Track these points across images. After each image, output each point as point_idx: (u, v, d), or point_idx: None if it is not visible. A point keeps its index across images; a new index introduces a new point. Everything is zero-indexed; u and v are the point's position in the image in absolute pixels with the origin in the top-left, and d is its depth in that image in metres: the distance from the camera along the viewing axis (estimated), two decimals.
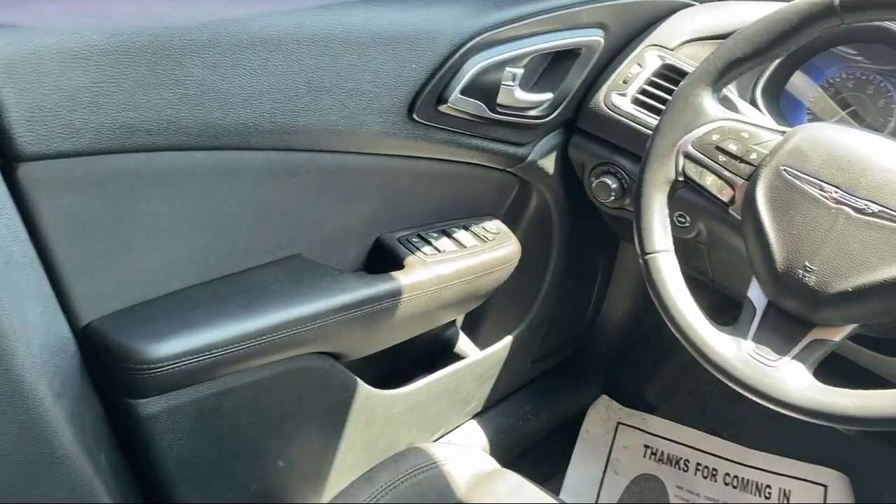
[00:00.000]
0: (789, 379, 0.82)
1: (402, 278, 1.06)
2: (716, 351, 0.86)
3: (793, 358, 0.84)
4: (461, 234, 1.21)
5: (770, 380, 0.83)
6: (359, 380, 1.13)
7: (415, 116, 1.00)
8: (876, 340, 1.05)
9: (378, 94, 0.95)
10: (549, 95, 1.16)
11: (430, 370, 1.32)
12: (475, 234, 1.23)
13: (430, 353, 1.40)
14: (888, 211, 0.78)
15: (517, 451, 1.55)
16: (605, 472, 1.62)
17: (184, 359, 0.87)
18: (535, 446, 1.62)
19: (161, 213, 0.87)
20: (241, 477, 1.05)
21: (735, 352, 0.85)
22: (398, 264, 1.10)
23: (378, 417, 1.21)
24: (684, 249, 1.30)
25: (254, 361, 0.95)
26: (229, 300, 0.94)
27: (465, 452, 1.09)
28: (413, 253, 1.11)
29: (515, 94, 1.10)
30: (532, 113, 1.16)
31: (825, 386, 0.81)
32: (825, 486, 1.61)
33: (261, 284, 0.97)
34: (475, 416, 1.49)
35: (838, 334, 0.84)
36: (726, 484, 1.62)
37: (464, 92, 1.02)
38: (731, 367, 0.85)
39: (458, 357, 1.38)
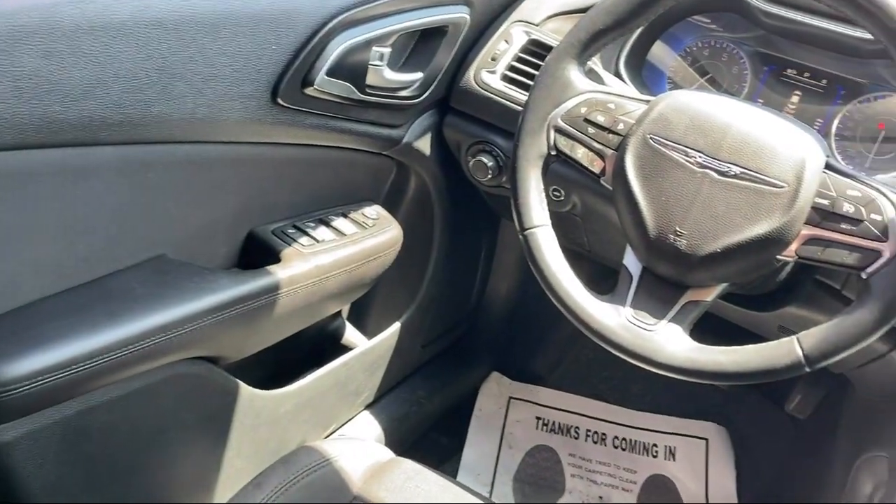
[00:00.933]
0: (667, 341, 0.84)
1: (279, 272, 1.02)
2: (596, 320, 0.87)
3: (670, 321, 0.86)
4: (340, 222, 1.17)
5: (650, 344, 0.85)
6: (240, 382, 1.08)
7: (279, 101, 0.96)
8: (745, 297, 1.10)
9: (237, 79, 0.90)
10: (419, 75, 1.14)
11: (318, 364, 1.28)
12: (354, 221, 1.20)
13: (317, 346, 1.35)
14: (749, 172, 0.81)
15: (413, 437, 1.54)
16: (500, 447, 1.64)
17: (41, 377, 0.80)
18: (431, 430, 1.61)
19: (2, 220, 0.79)
20: (120, 496, 0.98)
21: (615, 319, 0.87)
22: (274, 258, 1.05)
23: (265, 419, 1.16)
24: (561, 223, 1.32)
25: (122, 373, 0.89)
26: (89, 309, 0.86)
27: (359, 446, 1.06)
28: (289, 245, 1.07)
29: (384, 74, 1.08)
30: (403, 93, 1.14)
31: (701, 345, 0.84)
32: (706, 439, 1.69)
33: (124, 290, 0.90)
34: (368, 407, 1.46)
35: (710, 294, 0.87)
36: (615, 447, 1.67)
37: (330, 73, 0.98)
38: (612, 334, 0.86)
39: (346, 348, 1.34)
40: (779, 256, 0.82)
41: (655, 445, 1.68)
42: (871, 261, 0.77)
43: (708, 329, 1.05)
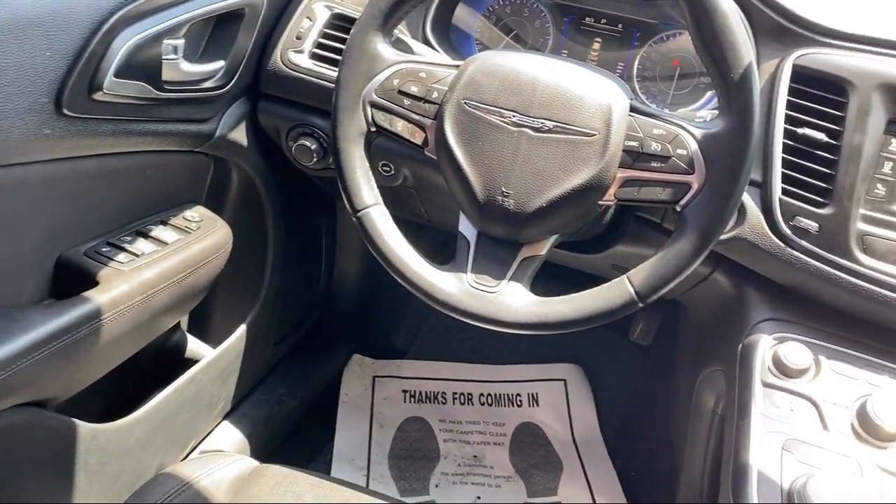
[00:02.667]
0: (511, 300, 0.85)
1: (99, 297, 0.93)
2: (440, 290, 0.87)
3: (510, 280, 0.87)
4: (160, 231, 1.10)
5: (494, 305, 0.86)
6: (77, 421, 0.99)
7: (65, 111, 0.87)
8: (578, 243, 1.14)
9: (11, 93, 0.81)
10: (220, 63, 1.08)
11: (164, 384, 1.21)
12: (176, 227, 1.12)
13: (159, 365, 1.27)
14: (561, 125, 0.83)
15: (279, 438, 1.49)
16: (371, 428, 1.63)
17: None
18: (299, 427, 1.57)
19: None
20: None
21: (458, 286, 0.87)
22: (90, 282, 0.96)
23: (114, 452, 1.08)
24: (397, 197, 1.31)
25: None
26: None
27: (220, 460, 1.01)
28: (105, 265, 0.98)
29: (181, 67, 1.00)
30: (207, 84, 1.07)
31: (543, 298, 0.86)
32: (564, 380, 1.76)
33: None
34: (226, 417, 1.40)
35: (544, 248, 0.89)
36: (482, 404, 1.71)
37: (119, 74, 0.91)
38: (457, 301, 0.86)
39: (192, 361, 1.27)
40: (600, 202, 0.84)
41: (519, 395, 1.74)
42: (683, 194, 0.81)
43: (552, 277, 1.08)
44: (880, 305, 0.91)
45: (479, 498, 1.50)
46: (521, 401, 1.73)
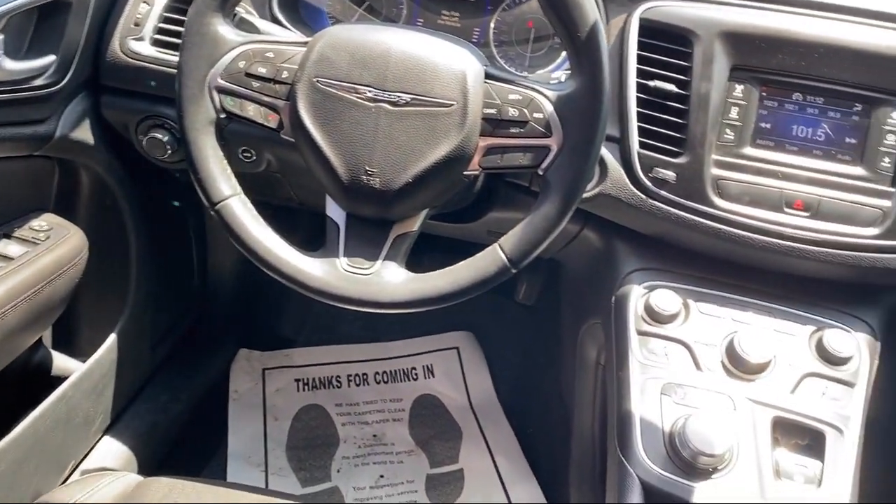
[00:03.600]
0: (386, 280, 0.84)
1: None
2: (313, 277, 0.84)
3: (384, 259, 0.85)
4: (3, 245, 1.01)
5: (371, 287, 0.84)
6: None
7: None
8: (452, 214, 1.14)
9: None
10: (51, 58, 1.00)
11: (31, 406, 1.12)
12: (22, 240, 1.04)
13: (23, 387, 1.18)
14: (418, 97, 0.81)
15: (167, 447, 1.42)
16: (265, 422, 1.58)
17: None
18: (188, 432, 1.51)
19: None
20: None
21: (331, 272, 0.84)
22: None
23: None
24: (264, 184, 1.26)
25: None
26: None
27: (100, 481, 0.95)
28: None
29: (5, 65, 0.92)
30: (38, 82, 0.99)
31: (419, 275, 0.85)
32: (457, 348, 1.77)
33: None
34: (107, 433, 1.32)
35: (416, 223, 0.87)
36: (378, 383, 1.70)
37: None
38: (332, 287, 0.84)
39: (60, 379, 1.19)
40: (465, 172, 0.84)
41: (414, 368, 1.74)
42: (543, 157, 0.81)
43: (434, 248, 1.07)
44: (737, 245, 0.95)
45: (382, 476, 1.50)
46: (416, 374, 1.73)
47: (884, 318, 0.99)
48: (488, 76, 0.84)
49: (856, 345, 0.94)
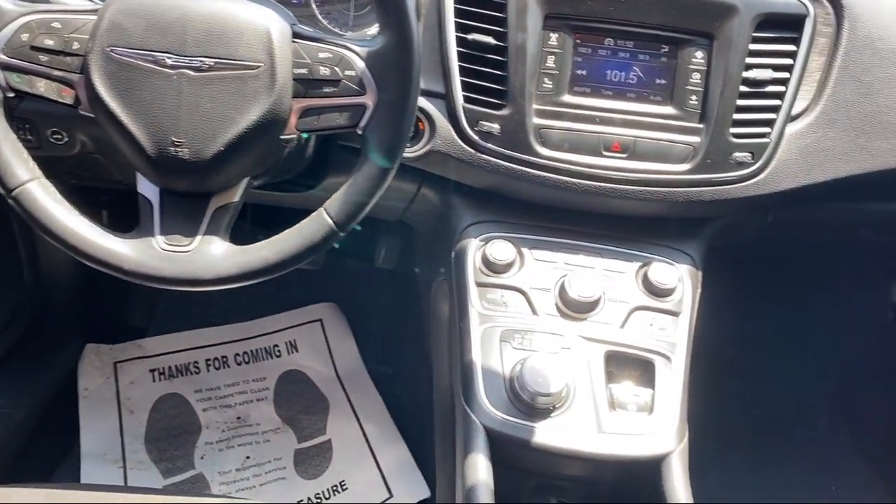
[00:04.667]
0: (209, 256, 0.81)
1: None
2: (128, 259, 0.80)
3: (205, 234, 0.82)
4: None
5: (192, 265, 0.80)
6: None
7: None
8: (288, 182, 1.11)
9: None
10: None
11: None
12: None
13: None
14: (222, 61, 0.78)
15: (12, 455, 1.33)
16: (120, 417, 1.51)
17: None
18: (35, 437, 1.41)
19: None
20: None
21: (147, 252, 0.80)
22: None
23: None
24: (84, 166, 1.18)
25: None
26: None
27: None
28: None
29: None
30: None
31: (244, 247, 0.82)
32: (320, 319, 1.75)
33: None
34: None
35: (236, 194, 0.84)
36: (239, 364, 1.65)
37: None
38: (150, 268, 0.80)
39: None
40: (282, 136, 0.81)
41: (277, 346, 1.70)
42: (360, 116, 0.80)
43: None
44: (562, 191, 0.98)
45: (248, 458, 1.47)
46: (279, 351, 1.69)
47: (703, 249, 1.05)
48: (296, 35, 0.81)
49: (678, 276, 1.00)
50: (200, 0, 0.79)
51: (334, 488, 1.45)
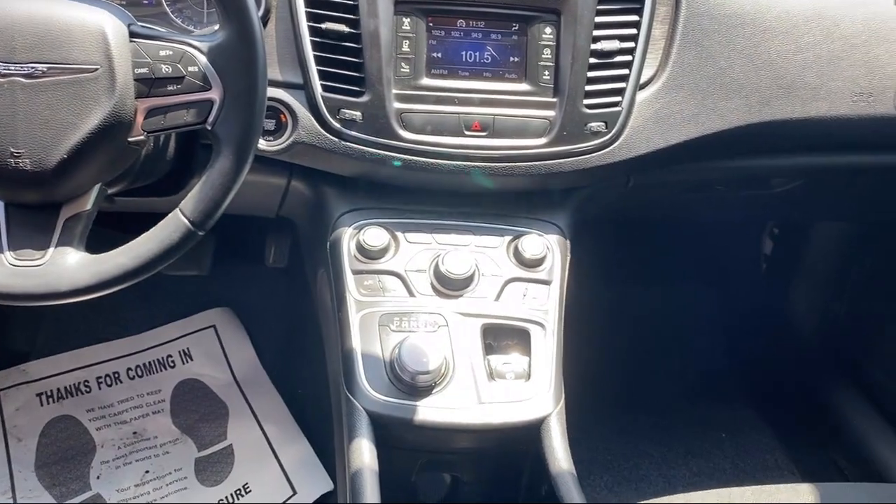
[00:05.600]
0: (63, 268, 0.78)
1: None
2: None
3: (57, 246, 0.79)
4: None
5: (46, 278, 0.78)
6: None
7: None
8: (151, 187, 1.08)
9: None
10: None
11: None
12: None
13: None
14: (56, 66, 0.75)
15: None
16: (7, 446, 1.44)
17: None
18: None
19: None
20: None
21: None
22: None
23: None
24: None
25: None
26: None
27: None
28: None
29: None
30: None
31: (98, 256, 0.79)
32: (214, 325, 1.72)
33: None
34: None
35: (88, 202, 0.81)
36: (132, 378, 1.60)
37: None
38: (2, 287, 0.77)
39: None
40: (130, 139, 0.79)
41: (170, 356, 1.66)
42: (208, 111, 0.78)
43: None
44: (428, 173, 1.00)
45: (147, 472, 1.43)
46: (173, 361, 1.65)
47: (571, 218, 1.09)
48: (134, 34, 0.79)
49: (547, 246, 1.03)
50: (28, 3, 0.76)
51: (238, 492, 1.43)
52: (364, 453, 0.86)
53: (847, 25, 1.10)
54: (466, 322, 0.96)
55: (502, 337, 0.97)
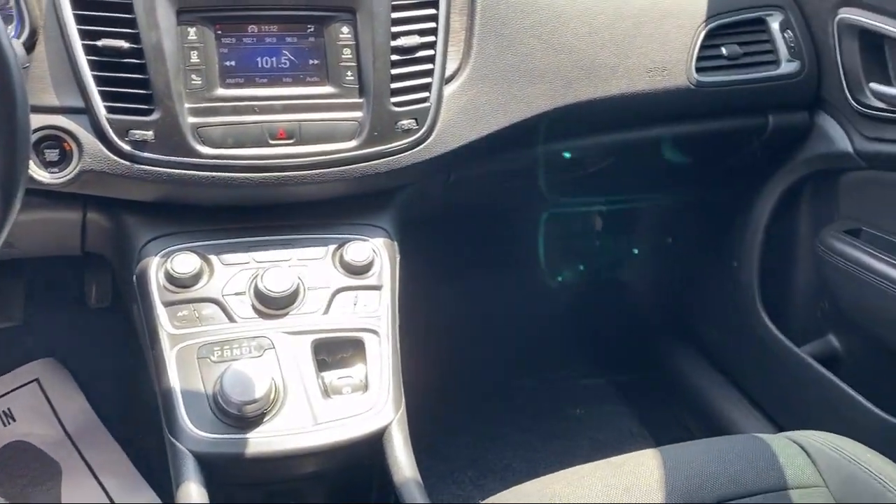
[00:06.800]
0: None
1: None
2: None
3: None
4: None
5: None
6: None
7: None
8: None
9: None
10: None
11: None
12: None
13: None
14: None
15: None
16: None
17: None
18: None
19: None
20: None
21: None
22: None
23: None
24: None
25: None
26: None
27: None
28: None
29: None
30: None
31: None
32: (37, 379, 1.56)
33: None
34: None
35: None
36: None
37: None
38: None
39: None
40: None
41: None
42: None
43: None
44: (236, 188, 0.94)
45: None
46: None
47: (396, 219, 1.07)
48: None
49: (374, 250, 1.00)
50: None
51: None
52: (192, 499, 0.80)
53: (635, 3, 1.14)
54: (295, 341, 0.91)
55: (336, 350, 0.93)
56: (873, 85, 1.15)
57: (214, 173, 0.92)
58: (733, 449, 0.94)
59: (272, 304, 0.92)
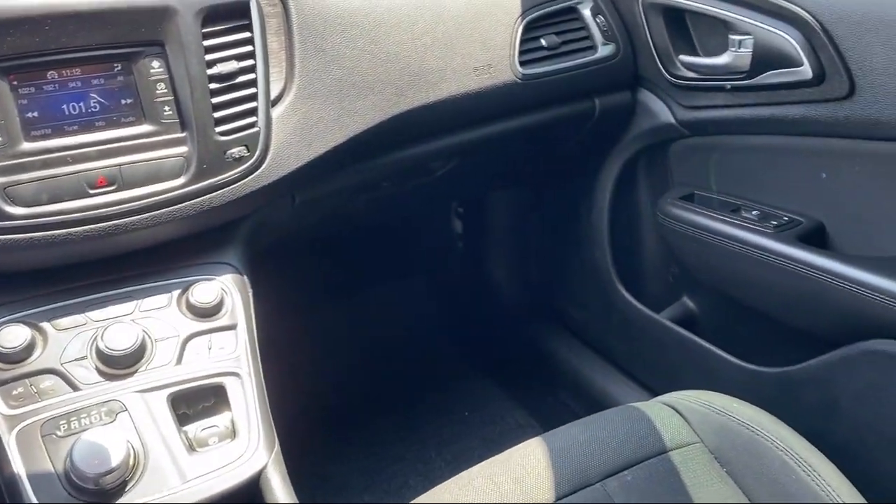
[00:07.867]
0: None
1: None
2: None
3: None
4: None
5: None
6: None
7: None
8: None
9: None
10: None
11: None
12: None
13: None
14: None
15: None
16: None
17: None
18: None
19: None
20: None
21: None
22: None
23: None
24: None
25: None
26: None
27: None
28: None
29: None
30: None
31: None
32: None
33: None
34: None
35: None
36: None
37: None
38: None
39: None
40: None
41: None
42: None
43: None
44: (57, 247, 0.86)
45: None
46: None
47: (243, 252, 1.02)
48: None
49: (223, 289, 0.96)
50: None
51: None
52: None
53: (452, 6, 1.16)
54: (149, 398, 0.85)
55: (196, 401, 0.88)
56: (682, 57, 1.23)
57: (31, 234, 0.85)
58: (611, 423, 0.96)
59: (118, 364, 0.86)
